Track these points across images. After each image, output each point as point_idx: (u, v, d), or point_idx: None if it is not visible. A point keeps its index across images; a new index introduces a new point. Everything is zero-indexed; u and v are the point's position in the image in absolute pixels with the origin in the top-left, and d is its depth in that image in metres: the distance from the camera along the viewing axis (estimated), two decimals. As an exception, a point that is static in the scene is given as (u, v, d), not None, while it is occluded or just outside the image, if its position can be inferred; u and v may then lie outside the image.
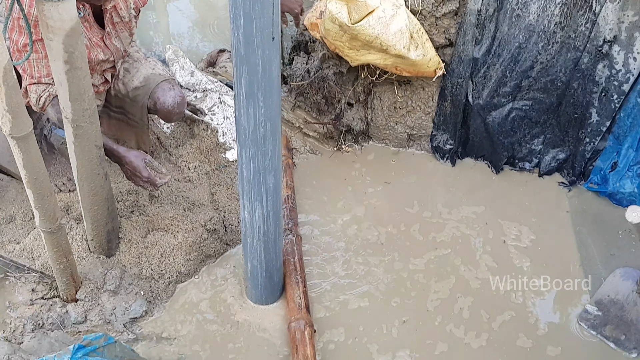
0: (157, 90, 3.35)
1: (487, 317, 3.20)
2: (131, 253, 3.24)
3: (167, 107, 3.35)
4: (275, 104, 2.43)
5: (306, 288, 3.19)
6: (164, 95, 3.34)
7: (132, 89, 3.37)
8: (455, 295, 3.31)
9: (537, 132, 3.82)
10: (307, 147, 4.08)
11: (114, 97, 3.44)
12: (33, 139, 2.34)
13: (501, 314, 3.22)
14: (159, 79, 3.38)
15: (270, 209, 2.79)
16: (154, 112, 3.42)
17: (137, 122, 3.50)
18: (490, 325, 3.17)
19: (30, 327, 2.95)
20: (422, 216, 3.70)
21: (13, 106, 2.19)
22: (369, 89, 3.95)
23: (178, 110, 3.40)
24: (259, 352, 3.04)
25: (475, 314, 3.22)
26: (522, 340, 3.11)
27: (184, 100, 3.45)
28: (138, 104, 3.40)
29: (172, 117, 3.43)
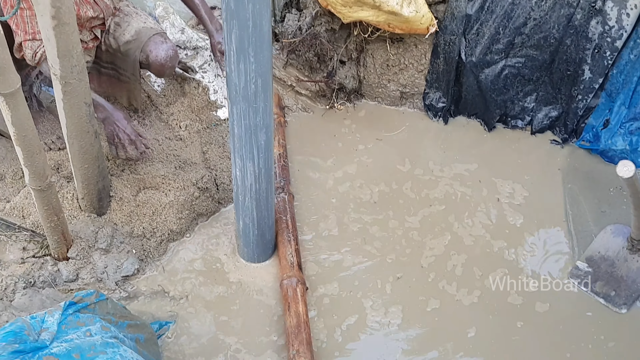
0: (150, 44, 3.32)
1: (479, 274, 3.22)
2: (122, 211, 3.24)
3: (160, 61, 3.33)
4: (266, 60, 2.41)
5: (298, 246, 3.20)
6: (157, 49, 3.32)
7: (124, 43, 3.34)
8: (449, 253, 3.32)
9: (530, 90, 3.81)
10: (299, 106, 4.06)
11: (104, 52, 3.41)
12: (21, 96, 2.31)
13: (494, 271, 3.23)
14: (151, 32, 3.34)
15: (261, 167, 2.78)
16: (145, 66, 3.39)
17: (128, 78, 3.47)
18: (483, 283, 3.19)
19: (21, 285, 2.95)
20: (414, 174, 3.70)
21: (1, 62, 2.16)
22: (362, 47, 3.92)
23: (171, 64, 3.38)
24: (251, 310, 3.06)
25: (468, 271, 3.24)
26: (513, 297, 3.13)
27: (177, 54, 3.43)
28: (130, 59, 3.37)
29: (165, 71, 3.40)
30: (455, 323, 3.04)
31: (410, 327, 3.02)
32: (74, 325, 2.10)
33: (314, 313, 3.06)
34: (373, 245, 3.36)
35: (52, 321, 2.05)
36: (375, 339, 2.99)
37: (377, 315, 3.07)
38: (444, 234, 3.41)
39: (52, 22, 2.33)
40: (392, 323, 3.04)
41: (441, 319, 3.06)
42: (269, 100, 2.57)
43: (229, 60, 2.39)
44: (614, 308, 3.09)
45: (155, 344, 2.64)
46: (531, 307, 3.09)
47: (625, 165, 2.65)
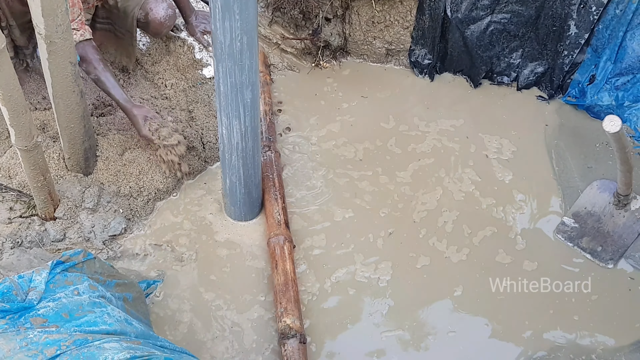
0: (150, 1, 3.38)
1: (468, 232, 3.24)
2: (109, 171, 3.23)
3: (160, 19, 3.39)
4: (251, 17, 2.39)
5: (285, 204, 3.21)
6: (157, 7, 3.37)
7: (122, 0, 3.34)
8: (441, 209, 3.34)
9: (516, 46, 3.80)
10: (285, 64, 4.04)
11: (100, 8, 3.41)
12: (6, 55, 2.29)
13: (483, 229, 3.26)
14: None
15: (248, 125, 2.78)
16: (143, 24, 3.42)
17: (123, 34, 3.48)
18: (471, 240, 3.21)
19: (9, 245, 2.95)
20: (400, 130, 3.71)
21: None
22: (347, 4, 3.89)
23: (169, 24, 3.45)
24: (239, 268, 3.07)
25: (457, 228, 3.27)
26: (501, 256, 3.15)
27: (175, 14, 3.50)
28: (128, 15, 3.38)
29: (162, 30, 3.47)
30: (444, 281, 3.06)
31: (399, 284, 3.05)
32: (61, 284, 2.10)
33: (304, 267, 3.09)
34: (363, 199, 3.38)
35: (39, 280, 2.05)
36: (363, 294, 3.02)
37: (367, 271, 3.09)
38: (435, 189, 3.43)
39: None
40: (382, 279, 3.07)
41: (430, 276, 3.08)
42: (255, 58, 2.56)
43: (214, 17, 2.38)
44: (601, 263, 3.12)
45: (143, 303, 2.65)
46: (519, 266, 3.11)
47: (611, 120, 2.66)
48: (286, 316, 2.72)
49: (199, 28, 3.80)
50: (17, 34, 3.22)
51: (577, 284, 3.05)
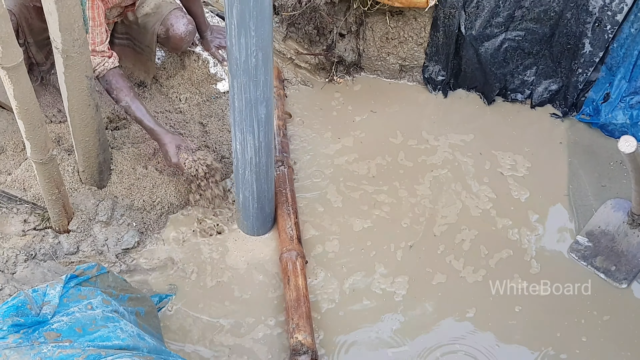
0: (170, 17, 3.40)
1: (485, 253, 3.22)
2: (123, 184, 3.24)
3: (180, 35, 3.44)
4: (267, 33, 2.41)
5: (297, 219, 3.21)
6: (177, 22, 3.41)
7: (142, 15, 3.40)
8: (460, 226, 3.33)
9: (530, 63, 3.80)
10: (299, 79, 4.06)
11: (119, 23, 3.44)
12: (24, 69, 2.32)
13: (499, 251, 3.23)
14: (171, 7, 3.46)
15: (262, 140, 2.79)
16: (164, 39, 3.46)
17: (143, 49, 3.52)
18: (488, 262, 3.19)
19: (22, 257, 2.97)
20: (412, 146, 3.71)
21: (3, 36, 2.15)
22: (361, 20, 3.91)
23: (189, 39, 3.49)
24: (251, 283, 3.07)
25: (475, 248, 3.24)
26: (516, 280, 3.12)
27: (195, 29, 3.55)
28: (148, 31, 3.42)
29: (182, 45, 3.52)
30: (457, 301, 3.05)
31: (413, 300, 3.05)
32: (75, 298, 2.11)
33: (323, 274, 3.11)
34: (382, 210, 3.39)
35: (53, 294, 2.06)
36: (377, 307, 3.02)
37: (384, 283, 3.11)
38: (455, 202, 3.44)
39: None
40: (398, 294, 3.07)
41: (444, 294, 3.07)
42: (270, 74, 2.57)
43: (229, 34, 2.39)
44: (614, 283, 3.10)
45: (155, 317, 2.66)
46: (532, 291, 3.08)
47: (627, 140, 2.65)
48: (298, 332, 2.71)
49: (213, 43, 3.83)
50: (34, 50, 3.25)
51: (590, 307, 3.03)
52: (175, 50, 3.63)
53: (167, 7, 3.44)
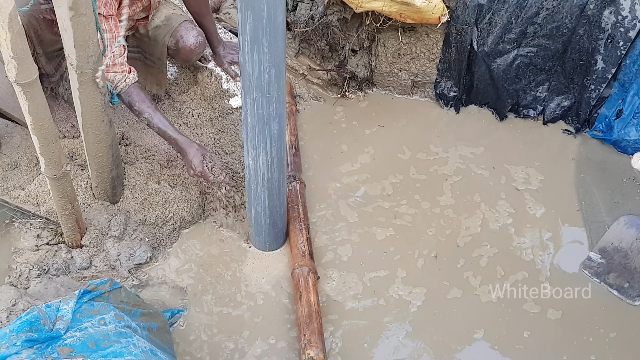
0: (180, 29, 3.42)
1: (502, 273, 3.21)
2: (135, 199, 3.25)
3: (190, 46, 3.44)
4: (280, 50, 2.42)
5: (310, 235, 3.21)
6: (187, 34, 3.43)
7: (153, 28, 3.42)
8: (481, 241, 3.33)
9: (542, 79, 3.80)
10: (311, 94, 4.07)
11: (130, 36, 3.46)
12: (38, 86, 2.33)
13: (514, 273, 3.21)
14: (181, 19, 3.47)
15: (274, 156, 2.79)
16: (174, 51, 3.48)
17: (154, 62, 3.53)
18: (503, 284, 3.17)
19: (35, 272, 2.98)
20: (421, 158, 3.72)
21: (18, 52, 2.17)
22: (373, 36, 3.92)
23: (199, 50, 3.50)
24: (262, 298, 3.07)
25: (492, 266, 3.23)
26: (529, 304, 3.09)
27: (205, 42, 3.56)
28: (158, 43, 3.44)
29: (192, 57, 3.53)
30: (468, 319, 3.04)
31: (426, 312, 3.06)
32: (88, 313, 2.12)
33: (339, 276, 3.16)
34: (404, 219, 3.41)
35: (67, 309, 2.07)
36: (390, 316, 3.04)
37: (403, 290, 3.13)
38: (475, 212, 3.46)
39: (69, 13, 2.35)
40: (413, 304, 3.08)
41: (457, 310, 3.07)
42: (282, 90, 2.58)
43: (243, 50, 2.40)
44: (627, 300, 3.09)
45: (167, 333, 2.66)
46: (543, 316, 3.06)
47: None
48: (310, 348, 2.71)
49: (226, 59, 3.84)
50: (44, 62, 3.27)
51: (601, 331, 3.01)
52: (185, 62, 3.64)
53: (177, 19, 3.46)
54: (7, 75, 2.28)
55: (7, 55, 2.19)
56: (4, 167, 3.29)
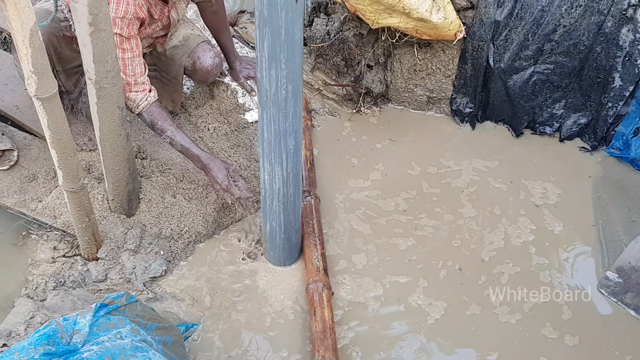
0: (198, 50, 3.45)
1: (522, 295, 3.18)
2: (151, 213, 3.27)
3: (207, 67, 3.47)
4: (297, 66, 2.43)
5: (324, 250, 3.21)
6: (204, 55, 3.45)
7: (170, 48, 3.44)
8: (504, 258, 3.32)
9: (559, 96, 3.79)
10: (326, 109, 4.07)
11: (148, 54, 3.48)
12: (58, 100, 2.35)
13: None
14: (199, 40, 3.50)
15: (290, 171, 2.80)
16: (190, 71, 3.50)
17: (170, 81, 3.56)
18: (522, 307, 3.14)
19: (52, 284, 2.99)
20: (440, 172, 3.73)
21: (39, 67, 2.20)
22: (389, 51, 3.93)
23: (215, 72, 3.52)
24: (276, 313, 3.07)
25: (513, 285, 3.21)
26: (548, 329, 3.07)
27: (222, 63, 3.59)
28: (175, 63, 3.47)
29: (209, 78, 3.55)
30: (484, 339, 3.03)
31: (443, 326, 3.05)
32: (105, 327, 2.12)
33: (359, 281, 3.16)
34: (425, 231, 3.41)
35: (83, 323, 2.08)
36: (407, 325, 3.05)
37: (422, 301, 3.14)
38: (497, 226, 3.46)
39: (89, 29, 2.37)
40: (431, 316, 3.09)
41: (475, 328, 3.06)
42: (299, 106, 2.59)
43: (260, 66, 2.41)
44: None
45: (182, 347, 2.66)
46: (560, 341, 3.03)
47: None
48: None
49: (242, 73, 3.87)
50: (63, 79, 3.30)
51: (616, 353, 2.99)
52: (201, 82, 3.67)
53: (195, 40, 3.49)
54: (27, 89, 2.30)
55: (28, 70, 2.21)
56: (22, 179, 3.31)
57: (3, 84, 3.61)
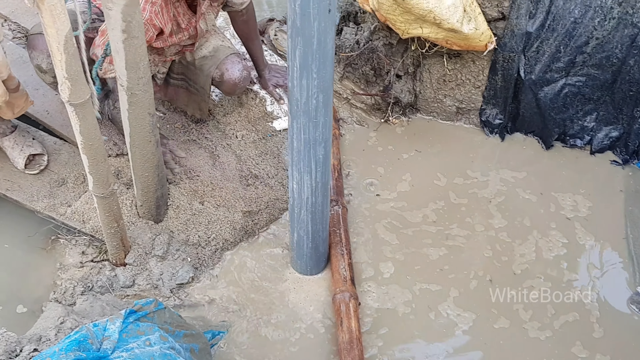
0: (227, 62, 3.46)
1: (552, 312, 3.15)
2: (179, 219, 3.28)
3: (234, 80, 3.48)
4: (328, 76, 2.42)
5: (351, 260, 3.20)
6: (233, 68, 3.46)
7: (200, 58, 3.46)
8: (534, 272, 3.29)
9: (590, 109, 3.76)
10: (354, 118, 4.07)
11: (177, 63, 3.51)
12: (90, 106, 2.37)
13: (566, 313, 3.14)
14: (228, 52, 3.51)
15: (319, 180, 2.79)
16: (218, 83, 3.52)
17: (197, 90, 3.57)
18: (553, 323, 3.11)
19: (80, 289, 3.01)
20: (467, 183, 3.71)
21: (72, 74, 2.22)
22: (418, 61, 3.91)
23: (243, 85, 3.53)
24: (303, 322, 3.06)
25: (543, 301, 3.18)
26: (578, 348, 3.02)
27: (250, 76, 3.60)
28: (203, 73, 3.48)
29: (236, 90, 3.56)
30: (512, 354, 2.99)
31: (472, 339, 3.03)
32: (134, 334, 2.13)
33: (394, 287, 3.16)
34: (456, 241, 3.40)
35: (113, 329, 2.08)
36: (435, 334, 3.04)
37: (451, 310, 3.13)
38: (528, 238, 3.43)
39: (122, 36, 2.39)
40: (459, 327, 3.07)
41: (504, 343, 3.03)
42: (329, 116, 2.58)
43: (291, 75, 2.41)
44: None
45: (208, 354, 2.66)
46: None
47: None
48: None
49: (271, 82, 3.87)
50: None
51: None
52: (228, 94, 3.68)
53: (225, 52, 3.50)
54: (60, 95, 2.32)
55: (62, 76, 2.23)
56: (51, 184, 3.34)
57: (34, 88, 3.65)
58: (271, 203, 3.48)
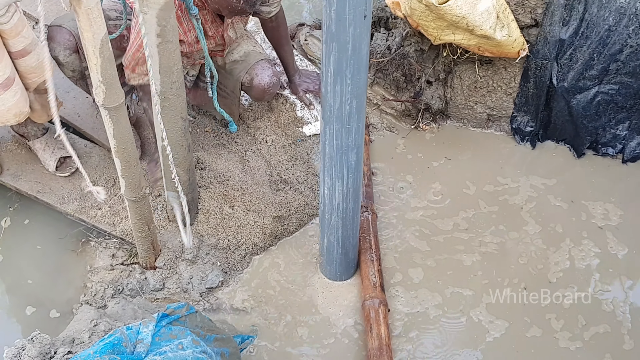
0: (257, 67, 3.46)
1: (583, 323, 3.11)
2: (209, 223, 3.29)
3: (263, 85, 3.47)
4: (362, 82, 2.42)
5: (381, 266, 3.19)
6: (262, 73, 3.45)
7: (230, 62, 3.47)
8: (568, 281, 3.26)
9: (623, 118, 3.71)
10: (384, 124, 4.05)
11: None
12: (124, 110, 2.39)
13: (596, 325, 3.11)
14: (259, 57, 3.51)
15: (350, 186, 2.79)
16: (247, 87, 3.52)
17: (227, 94, 3.58)
18: (583, 334, 3.08)
19: (110, 292, 3.02)
20: (497, 189, 3.68)
21: (107, 78, 2.23)
22: (450, 68, 3.89)
23: (272, 90, 3.52)
24: (332, 328, 3.06)
25: (574, 311, 3.15)
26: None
27: (279, 82, 3.60)
28: (233, 77, 3.49)
29: (265, 96, 3.55)
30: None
31: (501, 345, 3.02)
32: (167, 337, 2.14)
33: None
34: (490, 247, 3.38)
35: (146, 332, 2.09)
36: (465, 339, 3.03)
37: (484, 317, 3.12)
38: (561, 245, 3.40)
39: (156, 40, 2.40)
40: (491, 334, 3.05)
41: (535, 351, 3.00)
42: (362, 122, 2.58)
43: (325, 81, 2.41)
44: None
45: (238, 359, 2.66)
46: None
47: None
48: (380, 382, 2.68)
49: (301, 87, 3.87)
50: None
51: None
52: (257, 100, 3.67)
53: (255, 57, 3.50)
54: (95, 99, 2.34)
55: (97, 79, 2.24)
56: (82, 186, 3.36)
57: (65, 91, 3.68)
58: (301, 208, 3.47)
